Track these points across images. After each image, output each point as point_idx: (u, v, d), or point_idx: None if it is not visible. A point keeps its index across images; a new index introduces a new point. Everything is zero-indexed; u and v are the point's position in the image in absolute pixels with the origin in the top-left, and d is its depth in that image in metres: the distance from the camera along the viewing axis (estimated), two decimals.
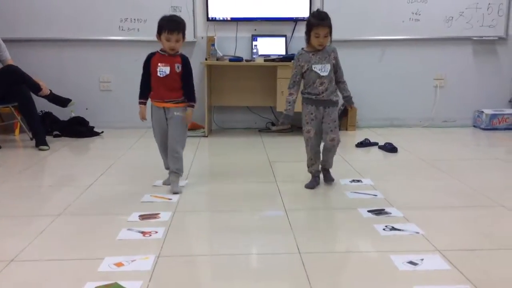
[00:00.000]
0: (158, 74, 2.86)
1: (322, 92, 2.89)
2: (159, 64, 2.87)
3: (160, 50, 2.91)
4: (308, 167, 3.10)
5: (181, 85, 2.91)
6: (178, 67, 2.88)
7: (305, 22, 2.98)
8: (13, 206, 2.76)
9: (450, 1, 5.19)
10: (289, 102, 2.96)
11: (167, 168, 3.08)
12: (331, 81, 2.92)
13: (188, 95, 2.94)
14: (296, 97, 2.97)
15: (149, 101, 3.00)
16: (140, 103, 2.98)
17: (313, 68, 2.87)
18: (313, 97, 2.92)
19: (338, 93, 3.03)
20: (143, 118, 2.99)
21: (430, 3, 5.20)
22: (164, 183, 3.09)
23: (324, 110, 2.94)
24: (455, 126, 5.50)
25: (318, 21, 2.80)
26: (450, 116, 5.52)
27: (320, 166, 3.12)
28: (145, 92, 2.97)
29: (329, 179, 3.16)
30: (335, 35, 3.01)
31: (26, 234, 2.30)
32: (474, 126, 5.49)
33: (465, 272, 1.89)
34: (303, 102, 3.00)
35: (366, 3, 5.16)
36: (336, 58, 2.94)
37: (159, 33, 2.85)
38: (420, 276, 1.86)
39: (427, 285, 1.78)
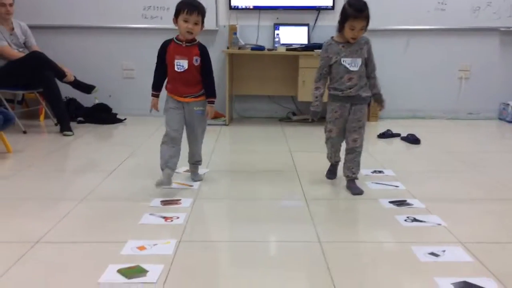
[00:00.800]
0: (176, 69, 2.64)
1: (350, 88, 2.64)
2: (176, 56, 2.64)
3: (175, 38, 2.68)
4: (328, 157, 2.98)
5: (199, 78, 2.71)
6: (196, 60, 2.66)
7: (327, 11, 2.96)
8: (38, 190, 2.82)
9: None
10: (316, 97, 2.72)
11: (163, 167, 2.70)
12: (361, 76, 2.65)
13: (208, 90, 2.74)
14: (323, 91, 2.73)
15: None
16: (153, 95, 2.76)
17: (342, 62, 2.62)
18: (340, 93, 2.66)
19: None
20: (155, 109, 2.79)
21: None
22: (159, 184, 2.64)
23: (351, 107, 2.68)
24: (480, 118, 5.40)
25: (356, 12, 2.50)
26: (475, 108, 5.43)
27: (343, 171, 2.83)
28: (159, 84, 2.77)
29: (355, 191, 2.74)
30: None
31: (51, 217, 2.35)
32: (500, 118, 5.38)
33: (487, 264, 1.86)
34: (328, 98, 2.76)
35: None
36: (369, 51, 2.67)
37: (177, 15, 2.61)
38: (442, 268, 1.84)
39: (448, 277, 1.76)
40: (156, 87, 2.77)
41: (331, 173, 3.02)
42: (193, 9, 2.57)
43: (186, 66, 2.64)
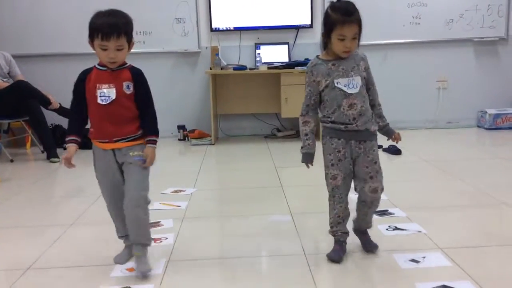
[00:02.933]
0: (99, 101, 1.91)
1: (354, 119, 1.97)
2: (98, 85, 1.92)
3: (98, 65, 1.98)
4: (332, 227, 2.11)
5: (135, 113, 1.96)
6: (128, 87, 1.93)
7: (306, 30, 2.40)
8: (27, 217, 2.85)
9: (449, 3, 5.26)
10: (306, 135, 2.07)
11: (121, 237, 2.13)
12: (365, 101, 2.01)
13: (148, 126, 1.98)
14: (314, 126, 2.08)
15: None
16: (68, 141, 1.96)
17: (336, 84, 1.97)
18: (341, 127, 1.99)
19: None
20: (69, 163, 1.96)
21: (430, 6, 5.26)
22: (117, 261, 2.10)
23: (359, 145, 2.01)
24: (459, 127, 5.54)
25: (344, 16, 1.89)
26: (454, 117, 5.57)
27: (353, 226, 2.19)
28: (77, 125, 2.00)
29: (371, 246, 2.15)
30: None
31: (41, 243, 2.38)
32: (478, 126, 5.52)
33: (466, 268, 1.94)
34: (324, 135, 2.07)
35: (367, 8, 5.12)
36: (367, 71, 2.07)
37: (91, 38, 1.89)
38: (422, 273, 1.92)
39: (429, 281, 1.83)
40: (72, 131, 1.99)
41: (336, 254, 2.08)
42: (110, 33, 1.84)
43: (113, 96, 1.91)
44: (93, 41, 1.88)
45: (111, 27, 1.84)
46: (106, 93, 1.91)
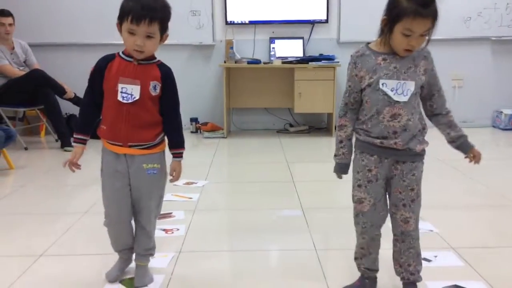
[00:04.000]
0: (120, 98, 1.66)
1: (395, 133, 1.58)
2: (120, 78, 1.66)
3: (122, 53, 1.73)
4: (356, 259, 1.79)
5: (157, 117, 1.74)
6: (155, 88, 1.69)
7: (321, 25, 1.92)
8: (40, 204, 2.89)
9: (467, 1, 5.19)
10: (341, 142, 1.69)
11: (119, 250, 1.89)
12: (414, 113, 1.59)
13: (175, 138, 1.78)
14: (351, 131, 1.69)
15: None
16: (75, 140, 1.77)
17: (381, 86, 1.57)
18: (377, 141, 1.60)
19: (427, 134, 1.68)
20: (73, 164, 1.78)
21: (447, 3, 5.18)
22: (110, 279, 1.87)
23: (395, 165, 1.63)
24: (474, 126, 5.47)
25: (419, 7, 1.48)
26: (469, 117, 5.50)
27: (395, 269, 1.76)
28: (87, 122, 1.77)
29: None
30: (353, 36, 1.61)
31: (55, 230, 2.42)
32: (493, 126, 5.47)
33: (477, 268, 1.93)
34: (355, 148, 1.70)
35: (383, 4, 5.18)
36: (430, 72, 1.64)
37: (120, 20, 1.65)
38: (433, 272, 1.91)
39: (440, 281, 1.83)
40: (82, 128, 1.77)
41: None
42: (142, 15, 1.59)
43: (137, 95, 1.66)
44: (121, 24, 1.64)
45: (144, 8, 1.59)
46: (129, 90, 1.65)
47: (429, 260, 2.00)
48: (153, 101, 1.70)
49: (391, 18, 1.54)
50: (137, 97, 1.66)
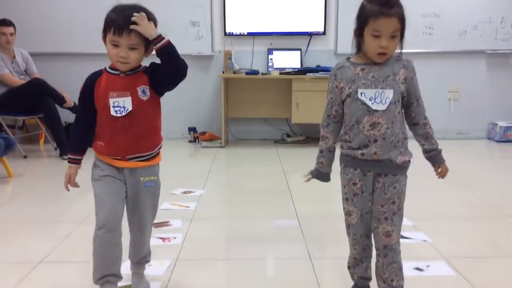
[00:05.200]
0: (113, 113, 1.64)
1: (375, 141, 1.59)
2: (110, 93, 1.64)
3: (109, 67, 1.71)
4: (349, 268, 1.82)
5: (156, 123, 1.75)
6: (144, 92, 1.66)
7: (319, 36, 1.90)
8: (39, 212, 2.92)
9: (463, 15, 5.27)
10: (321, 152, 1.73)
11: (105, 275, 1.74)
12: (394, 122, 1.59)
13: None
14: (332, 143, 1.71)
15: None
16: (70, 161, 1.77)
17: (360, 96, 1.58)
18: (358, 153, 1.61)
19: (410, 145, 1.69)
20: (73, 184, 1.84)
21: (443, 17, 5.28)
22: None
23: (377, 178, 1.64)
24: (469, 138, 5.54)
25: (382, 7, 1.53)
26: (464, 128, 5.57)
27: (377, 282, 1.74)
28: (81, 143, 1.75)
29: None
30: (350, 48, 1.50)
31: (53, 238, 2.45)
32: (488, 138, 5.52)
33: (469, 278, 1.96)
34: (340, 162, 1.70)
35: None
36: (409, 80, 1.63)
37: (104, 33, 1.63)
38: (425, 282, 1.94)
39: None
40: (75, 148, 1.76)
41: None
42: (123, 26, 1.58)
43: (129, 107, 1.64)
44: (106, 36, 1.62)
45: (126, 19, 1.56)
46: (120, 102, 1.63)
47: (421, 270, 2.04)
48: (147, 106, 1.67)
49: (360, 24, 1.59)
50: (130, 109, 1.64)
